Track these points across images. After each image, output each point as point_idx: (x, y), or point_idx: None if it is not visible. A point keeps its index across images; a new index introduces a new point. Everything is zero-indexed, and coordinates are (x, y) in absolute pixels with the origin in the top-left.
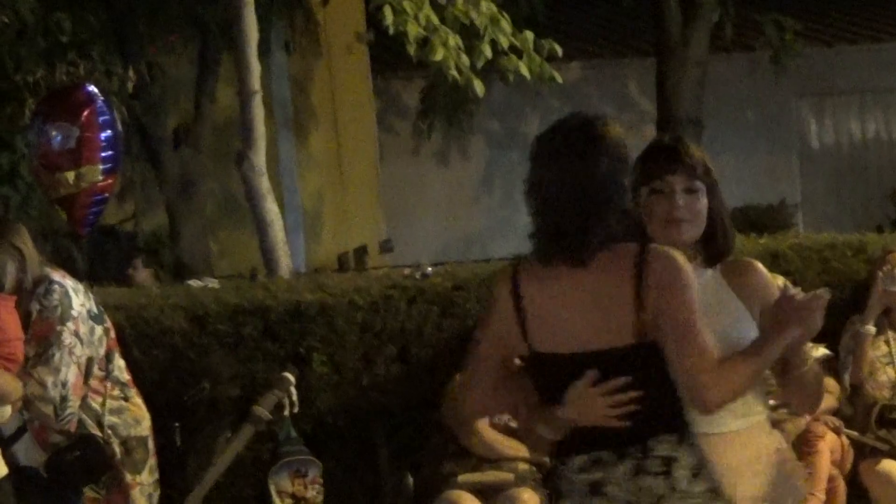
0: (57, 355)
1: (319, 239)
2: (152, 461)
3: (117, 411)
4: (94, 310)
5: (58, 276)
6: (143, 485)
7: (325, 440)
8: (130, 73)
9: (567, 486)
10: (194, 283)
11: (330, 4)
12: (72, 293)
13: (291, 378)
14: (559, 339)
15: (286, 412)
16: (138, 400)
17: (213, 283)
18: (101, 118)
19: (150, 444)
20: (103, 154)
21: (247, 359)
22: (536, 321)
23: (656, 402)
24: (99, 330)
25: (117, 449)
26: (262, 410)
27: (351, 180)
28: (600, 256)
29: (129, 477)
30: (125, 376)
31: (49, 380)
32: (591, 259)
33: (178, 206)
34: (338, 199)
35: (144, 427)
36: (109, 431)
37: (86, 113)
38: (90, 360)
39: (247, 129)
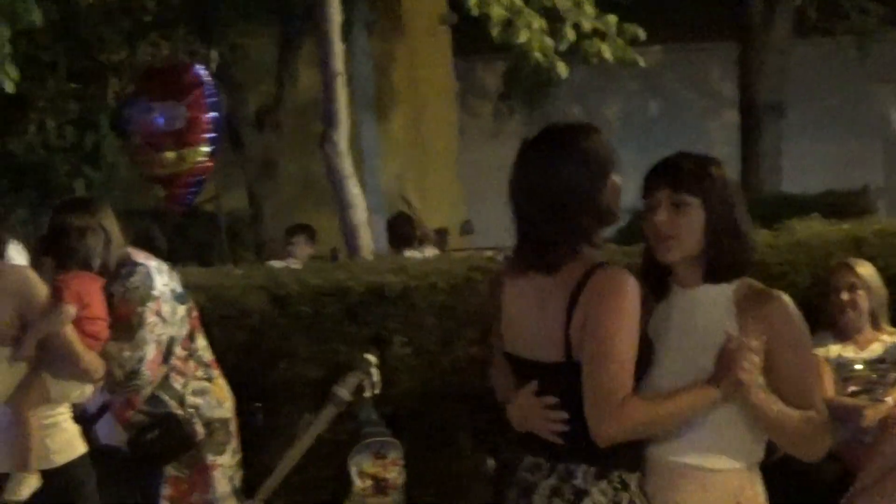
0: (138, 334)
1: None
2: (234, 443)
3: (200, 392)
4: (178, 290)
5: (141, 257)
6: (224, 466)
7: (405, 422)
8: (213, 54)
9: (513, 479)
10: (275, 263)
11: None
12: (154, 273)
13: (372, 360)
14: (517, 342)
15: (367, 394)
16: (221, 381)
17: (294, 264)
18: (208, 100)
19: (232, 426)
20: (208, 136)
21: (327, 340)
22: (505, 321)
23: (578, 427)
24: (182, 310)
25: (199, 429)
26: (343, 392)
27: (431, 162)
28: (568, 266)
29: (210, 458)
30: (208, 357)
31: (126, 353)
32: (555, 268)
33: (259, 187)
34: (419, 180)
35: (227, 409)
36: (192, 411)
37: (195, 94)
38: (172, 340)
39: (329, 110)
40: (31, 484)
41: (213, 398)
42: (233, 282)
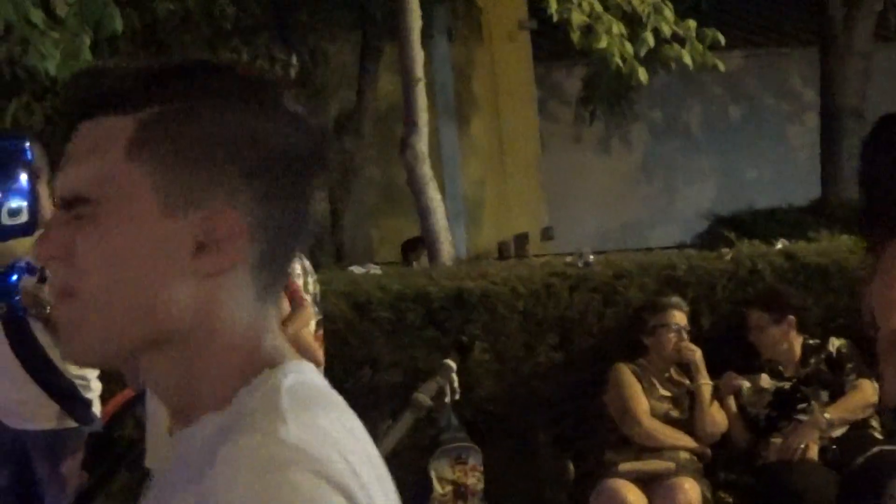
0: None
1: (480, 226)
2: None
3: None
4: (318, 297)
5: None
6: None
7: (485, 427)
8: (294, 60)
9: None
10: (356, 269)
11: None
12: (309, 272)
13: (453, 365)
14: None
15: (447, 399)
16: None
17: (375, 270)
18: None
19: None
20: None
21: (408, 345)
22: None
23: None
24: (317, 318)
25: None
26: (424, 397)
27: (512, 168)
28: None
29: None
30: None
31: None
32: None
33: (339, 193)
34: (499, 186)
35: None
36: None
37: None
38: None
39: (410, 116)
40: None
41: None
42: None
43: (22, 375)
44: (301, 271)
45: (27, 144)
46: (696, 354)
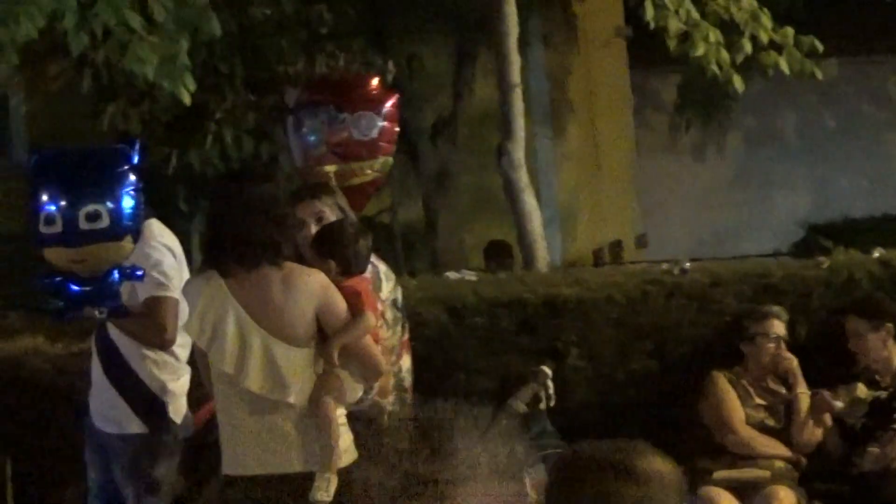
0: None
1: (575, 233)
2: None
3: (389, 415)
4: (400, 303)
5: (373, 257)
6: None
7: (580, 434)
8: (389, 65)
9: None
10: (451, 275)
11: None
12: (383, 277)
13: (548, 372)
14: None
15: (542, 406)
16: (408, 410)
17: (469, 276)
18: (398, 110)
19: None
20: (394, 146)
21: (502, 352)
22: None
23: None
24: (401, 322)
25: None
26: (519, 404)
27: (607, 175)
28: None
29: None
30: (409, 381)
31: None
32: None
33: (434, 199)
34: (594, 193)
35: None
36: None
37: (390, 104)
38: (392, 349)
39: (506, 122)
40: (335, 484)
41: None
42: (409, 293)
43: (105, 379)
44: (377, 277)
45: (132, 149)
46: (794, 363)
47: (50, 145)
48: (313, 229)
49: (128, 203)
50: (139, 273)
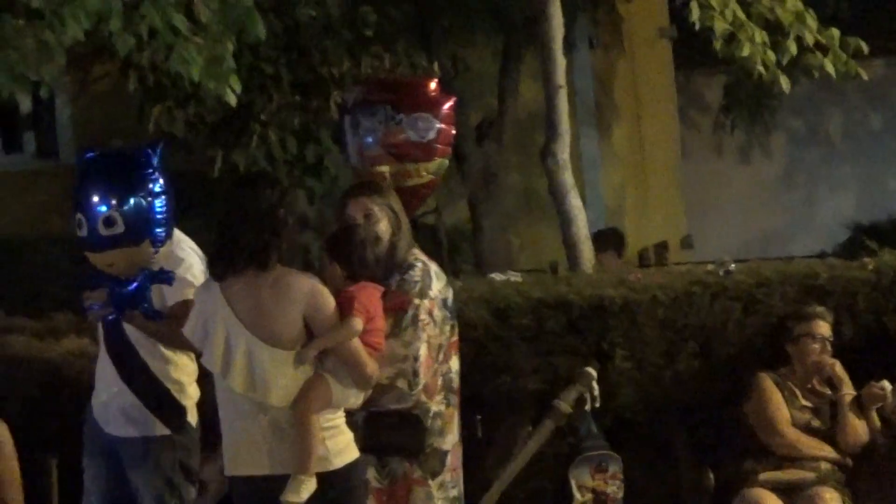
0: (409, 329)
1: None
2: (448, 478)
3: (434, 415)
4: (450, 302)
5: (423, 256)
6: (430, 490)
7: (625, 435)
8: (435, 66)
9: None
10: (497, 276)
11: (634, 0)
12: (434, 276)
13: (593, 373)
14: None
15: (587, 407)
16: (455, 413)
17: (515, 277)
18: (454, 112)
19: (449, 460)
20: (450, 149)
21: (549, 353)
22: None
23: None
24: (449, 323)
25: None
26: (564, 405)
27: (652, 176)
28: None
29: (417, 474)
30: (456, 383)
31: (401, 353)
32: None
33: (479, 200)
34: (639, 194)
35: (448, 441)
36: None
37: (447, 106)
38: (440, 348)
39: (551, 123)
40: (309, 487)
41: (439, 425)
42: (454, 294)
43: (119, 381)
44: (427, 275)
45: (151, 152)
46: (836, 367)
47: (96, 147)
48: (363, 231)
49: (143, 207)
50: (170, 277)
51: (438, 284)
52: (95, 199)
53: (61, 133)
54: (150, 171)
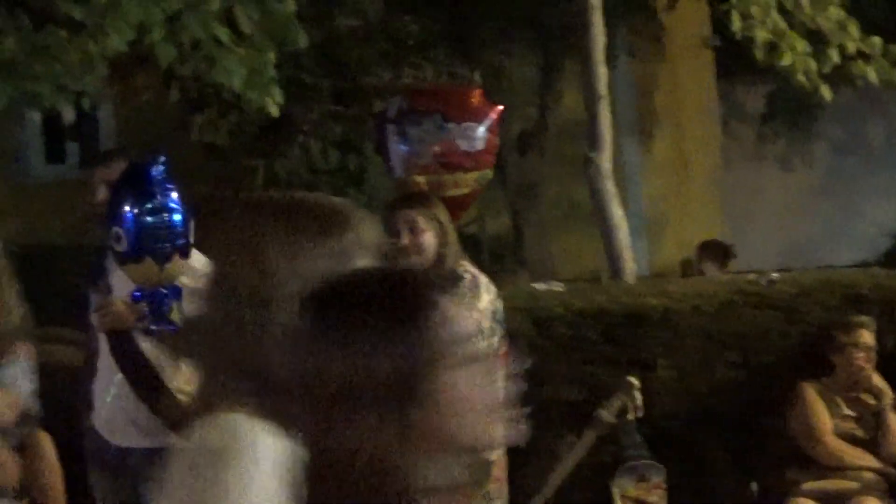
0: None
1: (662, 243)
2: (490, 488)
3: None
4: (500, 314)
5: (473, 268)
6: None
7: (667, 445)
8: (475, 76)
9: None
10: (538, 285)
11: (675, 9)
12: (482, 288)
13: (636, 382)
14: None
15: (630, 416)
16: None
17: (557, 287)
18: (499, 122)
19: (493, 471)
20: (494, 157)
21: (590, 362)
22: None
23: None
24: (499, 334)
25: None
26: (606, 415)
27: (694, 185)
28: None
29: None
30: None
31: None
32: None
33: (521, 210)
34: (681, 203)
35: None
36: None
37: (493, 115)
38: None
39: (593, 133)
40: None
41: None
42: None
43: (128, 392)
44: (475, 286)
45: (150, 166)
46: (874, 379)
47: (139, 157)
48: (406, 239)
49: (141, 224)
50: (180, 290)
51: (488, 296)
52: (107, 215)
53: (104, 143)
54: (151, 185)
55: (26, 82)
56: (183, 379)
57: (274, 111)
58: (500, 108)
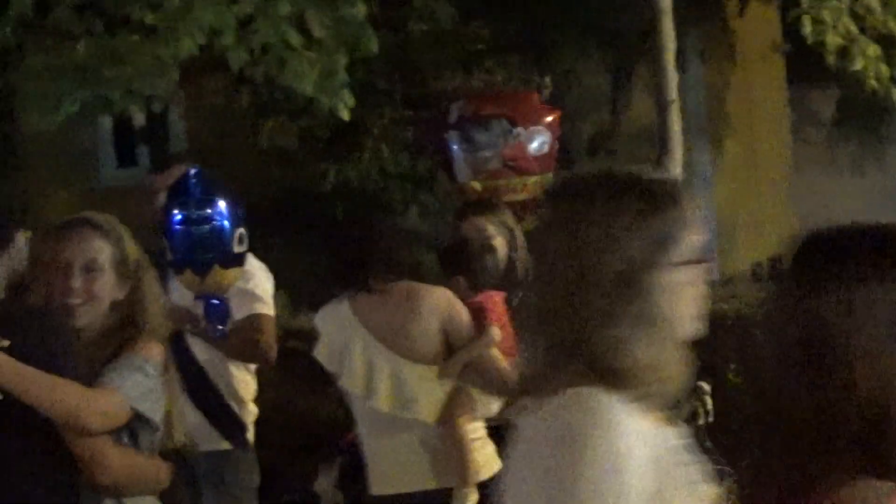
0: None
1: (733, 248)
2: None
3: None
4: None
5: None
6: None
7: (738, 450)
8: (547, 81)
9: None
10: None
11: (746, 14)
12: None
13: (706, 388)
14: None
15: (700, 421)
16: None
17: None
18: (559, 126)
19: None
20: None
21: None
22: None
23: None
24: None
25: None
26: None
27: (765, 190)
28: None
29: None
30: None
31: None
32: None
33: None
34: (751, 208)
35: None
36: None
37: (555, 119)
38: None
39: (663, 137)
40: (474, 499)
41: None
42: None
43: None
44: None
45: (184, 179)
46: None
47: (209, 162)
48: (476, 246)
49: (178, 235)
50: (219, 301)
51: None
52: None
53: (174, 147)
54: (185, 197)
55: (98, 86)
56: (241, 386)
57: (345, 115)
58: (559, 111)
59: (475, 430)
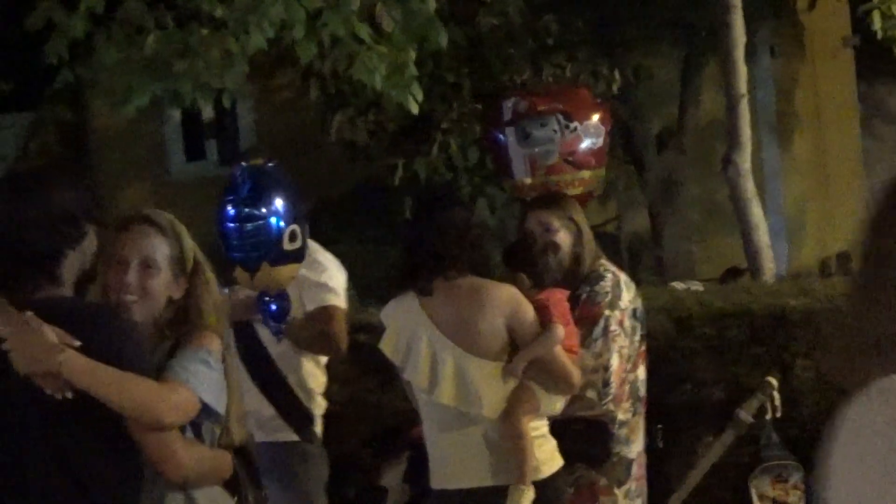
0: (600, 340)
1: (802, 243)
2: (631, 486)
3: (620, 423)
4: (640, 311)
5: (613, 266)
6: (616, 499)
7: (806, 446)
8: (616, 75)
9: None
10: (677, 285)
11: (816, 9)
12: (623, 286)
13: (774, 382)
14: None
15: (768, 417)
16: (641, 421)
17: (696, 286)
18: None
19: (635, 469)
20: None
21: (730, 362)
22: None
23: None
24: (639, 332)
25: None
26: (745, 414)
27: (834, 185)
28: None
29: (602, 482)
30: (643, 391)
31: (591, 364)
32: None
33: (660, 209)
34: (820, 203)
35: (633, 450)
36: None
37: (605, 114)
38: (629, 357)
39: (733, 132)
40: (529, 497)
41: (626, 432)
42: None
43: (249, 385)
44: (617, 285)
45: (236, 177)
46: None
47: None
48: (541, 240)
49: (227, 232)
50: (275, 297)
51: (628, 295)
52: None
53: (244, 141)
54: (237, 195)
55: (168, 80)
56: (311, 378)
57: (414, 109)
58: (606, 105)
59: (536, 428)
